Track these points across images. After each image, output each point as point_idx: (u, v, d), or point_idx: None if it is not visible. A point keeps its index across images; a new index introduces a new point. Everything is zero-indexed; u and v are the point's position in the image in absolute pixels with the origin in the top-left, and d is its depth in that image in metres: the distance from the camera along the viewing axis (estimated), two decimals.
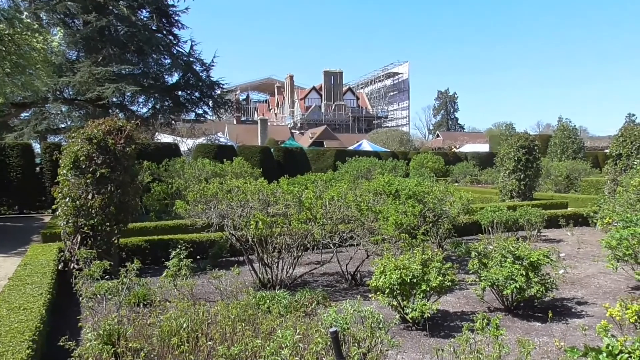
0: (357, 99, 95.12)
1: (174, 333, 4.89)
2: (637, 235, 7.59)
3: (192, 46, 24.52)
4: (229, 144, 32.68)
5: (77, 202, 8.61)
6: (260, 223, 7.46)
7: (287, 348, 4.17)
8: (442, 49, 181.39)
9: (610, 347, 4.88)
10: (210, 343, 4.60)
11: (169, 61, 24.60)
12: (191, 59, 24.57)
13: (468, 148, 56.18)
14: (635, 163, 15.94)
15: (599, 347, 5.04)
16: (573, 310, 7.39)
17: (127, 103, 25.02)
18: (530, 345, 4.36)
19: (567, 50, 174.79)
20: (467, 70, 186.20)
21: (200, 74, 24.86)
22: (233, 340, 4.77)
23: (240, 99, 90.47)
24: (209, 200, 8.13)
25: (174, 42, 24.55)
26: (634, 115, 29.56)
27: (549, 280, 7.02)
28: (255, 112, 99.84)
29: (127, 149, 9.10)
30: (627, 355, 4.75)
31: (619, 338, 4.98)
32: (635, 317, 5.62)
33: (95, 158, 8.82)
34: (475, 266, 7.25)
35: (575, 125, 35.81)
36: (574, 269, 9.78)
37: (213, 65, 25.38)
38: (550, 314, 6.25)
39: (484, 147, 52.73)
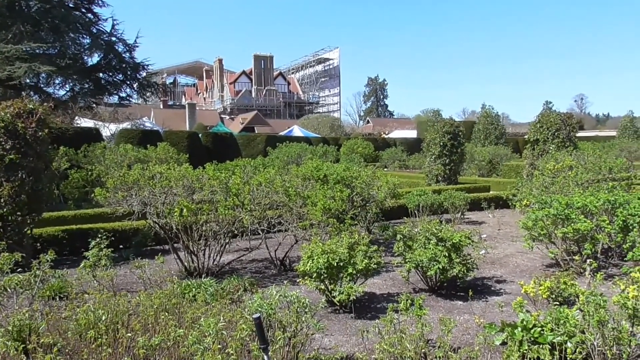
0: (289, 84, 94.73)
1: (91, 326, 4.66)
2: (551, 216, 8.03)
3: (113, 25, 23.21)
4: (155, 129, 31.62)
5: None
6: (184, 210, 7.26)
7: (211, 336, 4.08)
8: (372, 35, 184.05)
9: (524, 322, 5.17)
10: (130, 335, 4.42)
11: (88, 41, 23.14)
12: (113, 39, 23.28)
13: (397, 134, 57.52)
14: (551, 148, 16.91)
15: (515, 322, 5.33)
16: (493, 288, 7.75)
17: (42, 85, 23.42)
18: (451, 323, 4.51)
19: (491, 40, 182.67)
20: (397, 58, 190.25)
21: (123, 55, 23.62)
22: (155, 331, 4.61)
23: (167, 83, 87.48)
24: (130, 187, 7.80)
25: (94, 20, 23.12)
26: (551, 102, 31.29)
27: (470, 261, 7.31)
28: (183, 96, 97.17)
29: (40, 133, 8.53)
30: (539, 328, 5.05)
31: (533, 313, 5.29)
32: (548, 292, 5.98)
33: (4, 143, 8.21)
34: (400, 248, 7.41)
35: (497, 112, 37.51)
36: (494, 249, 10.25)
37: (137, 46, 24.20)
38: (470, 293, 6.52)
39: (412, 133, 54.22)
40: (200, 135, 29.71)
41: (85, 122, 29.13)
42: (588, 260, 7.36)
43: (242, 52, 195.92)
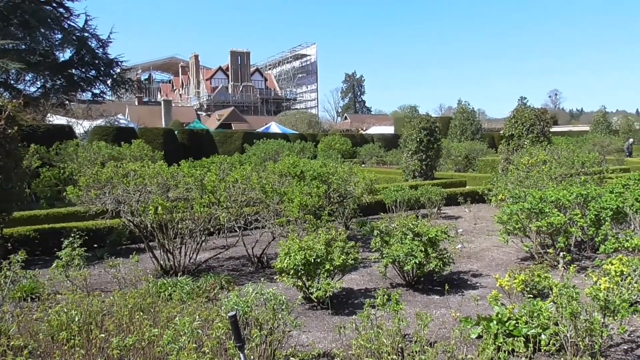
0: (265, 80, 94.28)
1: (64, 327, 4.56)
2: (525, 210, 8.14)
3: (86, 21, 22.67)
4: (130, 126, 31.19)
5: None
6: (159, 208, 7.15)
7: (186, 335, 4.02)
8: (350, 32, 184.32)
9: (500, 315, 5.23)
10: (103, 335, 4.34)
11: (60, 36, 22.66)
12: (85, 35, 22.75)
13: (374, 130, 57.77)
14: (526, 143, 17.14)
15: (490, 315, 5.39)
16: (469, 282, 7.82)
17: (12, 81, 22.82)
18: (428, 317, 4.54)
19: (468, 38, 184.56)
20: (374, 54, 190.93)
21: (96, 50, 23.11)
22: (130, 331, 4.54)
23: (142, 79, 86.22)
24: (104, 185, 7.65)
25: (66, 15, 22.55)
26: (525, 98, 31.70)
27: (446, 255, 7.36)
28: (159, 92, 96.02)
29: (10, 130, 8.30)
30: (514, 321, 5.11)
31: (508, 306, 5.35)
32: (522, 285, 6.05)
33: None
34: (377, 244, 7.44)
35: (473, 108, 37.84)
36: (470, 244, 10.36)
37: (110, 42, 23.68)
38: (447, 287, 6.57)
39: (389, 129, 54.43)
40: (176, 132, 29.38)
41: (58, 119, 28.52)
42: (561, 253, 7.49)
43: (219, 48, 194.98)
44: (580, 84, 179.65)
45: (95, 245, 9.84)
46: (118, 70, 25.18)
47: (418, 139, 19.48)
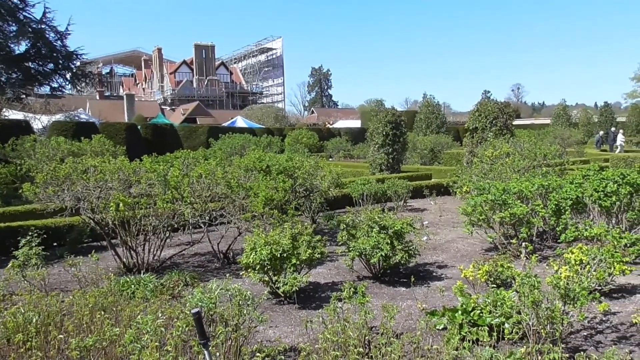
0: (231, 74, 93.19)
1: (20, 329, 4.39)
2: (489, 201, 8.27)
3: (44, 12, 21.99)
4: (91, 120, 30.41)
5: None
6: (121, 205, 6.97)
7: (149, 334, 3.92)
8: (316, 26, 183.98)
9: (464, 306, 5.29)
10: (62, 336, 4.19)
11: (14, 28, 21.88)
12: (42, 26, 21.97)
13: (341, 124, 57.87)
14: (489, 136, 17.43)
15: (455, 306, 5.45)
16: (434, 273, 7.90)
17: None
18: (394, 309, 4.55)
19: (434, 34, 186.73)
20: (341, 48, 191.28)
21: (54, 43, 22.38)
22: (91, 331, 4.41)
23: (104, 73, 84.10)
24: (62, 182, 7.40)
25: (20, 6, 21.78)
26: (489, 92, 32.35)
27: (412, 247, 7.42)
28: (121, 86, 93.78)
29: None
30: (479, 311, 5.18)
31: (473, 296, 5.42)
32: (486, 276, 6.15)
33: None
34: (344, 237, 7.44)
35: (438, 102, 38.31)
36: (436, 236, 10.47)
37: (69, 34, 22.96)
38: (413, 279, 6.61)
39: (356, 123, 54.58)
40: (139, 127, 28.78)
41: (14, 114, 27.58)
42: (524, 244, 7.63)
43: (183, 41, 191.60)
44: (542, 78, 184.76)
45: (55, 244, 9.53)
46: (78, 63, 24.48)
47: (384, 133, 19.59)
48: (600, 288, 5.97)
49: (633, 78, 76.53)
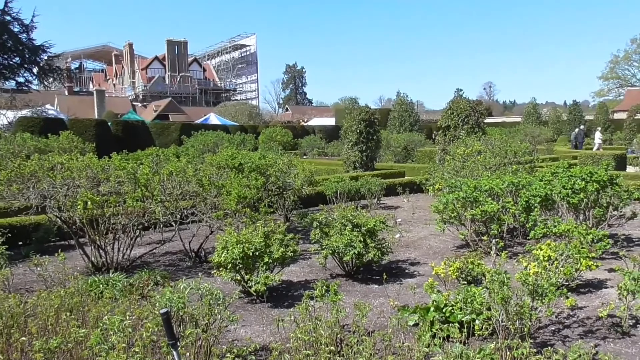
0: (204, 70, 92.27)
1: None
2: (460, 199, 8.35)
3: (6, 3, 21.34)
4: (59, 117, 29.73)
5: None
6: (89, 203, 6.80)
7: (116, 335, 3.83)
8: (290, 23, 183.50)
9: (436, 303, 5.32)
10: (25, 338, 4.07)
11: None
12: (6, 18, 21.37)
13: (316, 122, 57.79)
14: (461, 134, 17.63)
15: (427, 303, 5.48)
16: (407, 270, 7.94)
17: None
18: (366, 307, 4.55)
19: (407, 33, 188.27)
20: (315, 46, 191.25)
21: (20, 36, 21.83)
22: (56, 332, 4.29)
23: (73, 68, 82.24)
24: (27, 179, 7.20)
25: None
26: (461, 90, 32.72)
27: (385, 245, 7.44)
28: (91, 82, 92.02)
29: None
30: (450, 308, 5.23)
31: (444, 293, 5.46)
32: (457, 273, 6.20)
33: None
34: (317, 235, 7.42)
35: (412, 100, 38.61)
36: (408, 233, 10.53)
37: (34, 27, 22.41)
38: (385, 277, 6.63)
39: (330, 121, 54.58)
40: (109, 123, 28.27)
41: None
42: (494, 240, 7.74)
43: (155, 36, 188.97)
44: (513, 77, 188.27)
45: (21, 243, 9.29)
46: (45, 57, 23.90)
47: (358, 131, 19.64)
48: (567, 283, 6.08)
49: (601, 77, 78.69)
